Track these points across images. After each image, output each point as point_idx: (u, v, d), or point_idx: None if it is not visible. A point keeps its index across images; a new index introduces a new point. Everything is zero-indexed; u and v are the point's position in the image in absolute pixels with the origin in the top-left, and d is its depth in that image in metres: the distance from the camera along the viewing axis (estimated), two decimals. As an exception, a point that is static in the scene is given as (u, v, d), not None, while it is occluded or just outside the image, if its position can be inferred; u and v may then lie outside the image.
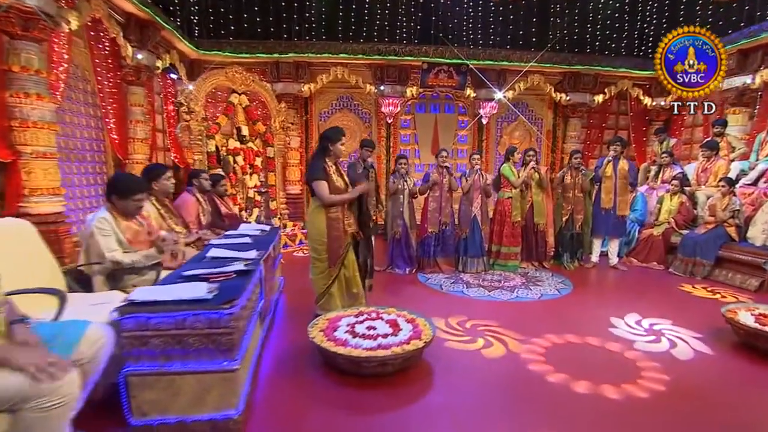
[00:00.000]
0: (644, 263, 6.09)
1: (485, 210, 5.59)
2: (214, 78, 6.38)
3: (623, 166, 5.69)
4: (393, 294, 4.67)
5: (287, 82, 7.90)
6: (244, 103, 6.93)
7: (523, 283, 5.08)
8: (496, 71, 8.31)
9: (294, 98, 8.05)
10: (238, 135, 6.81)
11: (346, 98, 8.67)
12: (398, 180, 5.44)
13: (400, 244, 5.51)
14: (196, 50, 7.34)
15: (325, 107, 8.65)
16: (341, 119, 8.64)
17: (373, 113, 8.73)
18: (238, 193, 6.75)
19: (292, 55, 7.74)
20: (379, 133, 8.77)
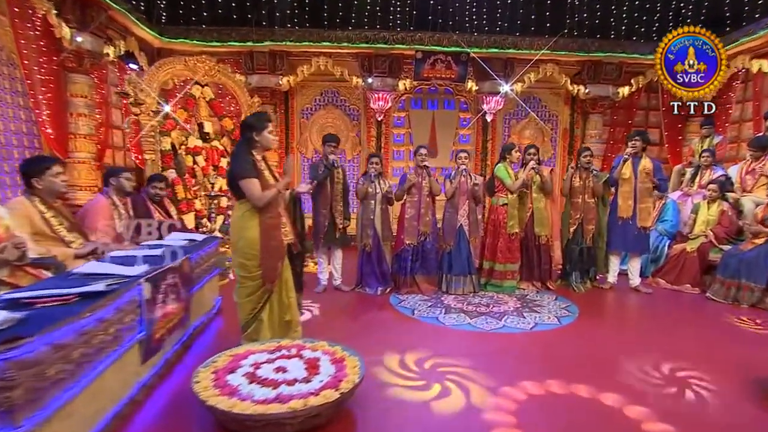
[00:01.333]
0: (675, 285, 5.30)
1: (474, 219, 4.94)
2: (170, 66, 5.94)
3: (645, 165, 4.96)
4: (349, 319, 4.06)
5: (263, 73, 7.45)
6: (209, 96, 6.48)
7: (516, 308, 4.39)
8: (502, 60, 7.68)
9: (271, 92, 7.59)
10: (200, 132, 6.35)
11: (331, 93, 8.17)
12: (368, 182, 4.84)
13: (370, 259, 4.91)
14: (159, 37, 6.96)
15: (308, 103, 8.16)
16: (325, 116, 8.13)
17: (362, 110, 8.19)
18: (199, 199, 6.26)
19: (268, 44, 7.29)
20: (368, 132, 8.22)
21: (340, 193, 4.83)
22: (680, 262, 5.38)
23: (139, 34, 6.59)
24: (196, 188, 6.21)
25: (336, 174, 4.81)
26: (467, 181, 4.91)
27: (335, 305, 4.46)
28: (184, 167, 5.85)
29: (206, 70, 6.26)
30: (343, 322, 3.98)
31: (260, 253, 2.95)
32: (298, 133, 8.15)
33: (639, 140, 4.97)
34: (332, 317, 4.10)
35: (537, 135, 8.36)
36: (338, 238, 4.83)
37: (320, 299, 4.62)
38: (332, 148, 4.77)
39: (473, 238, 4.93)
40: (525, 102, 8.32)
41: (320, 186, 4.72)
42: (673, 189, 7.00)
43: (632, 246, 5.06)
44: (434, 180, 4.90)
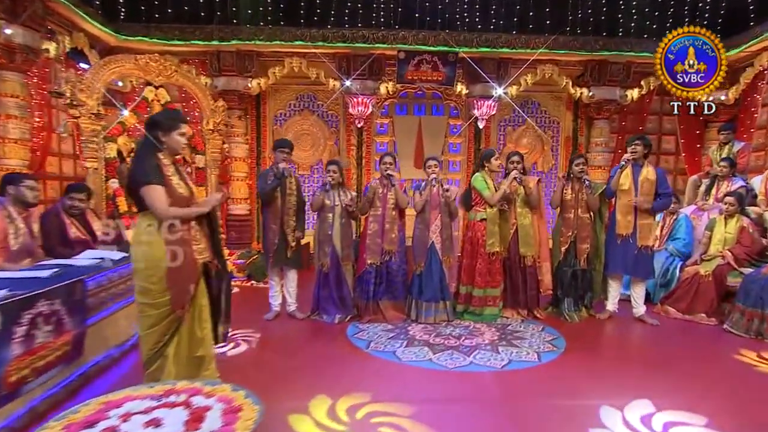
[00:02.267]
0: (687, 314, 4.82)
1: (448, 235, 4.53)
2: (118, 65, 5.68)
3: (648, 175, 4.53)
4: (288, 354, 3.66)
5: (230, 75, 7.19)
6: (164, 99, 6.22)
7: (492, 341, 3.96)
8: (494, 61, 7.35)
9: (239, 96, 7.32)
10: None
11: (307, 97, 7.89)
12: (323, 193, 4.47)
13: (328, 282, 4.51)
14: (114, 35, 6.73)
15: (281, 108, 7.88)
16: (301, 123, 7.84)
17: (342, 116, 7.89)
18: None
19: (236, 43, 7.04)
20: (348, 141, 7.90)
21: (293, 206, 4.47)
22: (693, 288, 4.90)
23: (90, 30, 6.36)
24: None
25: (288, 184, 4.45)
26: (440, 192, 4.52)
27: (279, 336, 4.08)
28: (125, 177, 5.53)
29: (160, 70, 6.00)
30: (279, 358, 3.57)
31: (167, 274, 2.60)
32: (271, 141, 7.83)
33: (640, 144, 4.55)
34: (270, 351, 3.70)
35: (536, 143, 7.98)
36: (290, 258, 4.45)
37: (265, 328, 4.24)
38: (284, 155, 4.42)
39: (447, 258, 4.52)
40: (522, 107, 7.97)
41: (269, 198, 4.37)
42: (688, 203, 6.56)
43: (633, 268, 4.60)
44: (400, 191, 4.51)
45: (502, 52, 7.24)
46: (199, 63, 7.24)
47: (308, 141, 7.79)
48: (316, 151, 7.77)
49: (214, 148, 6.68)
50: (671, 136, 8.27)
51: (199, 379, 2.77)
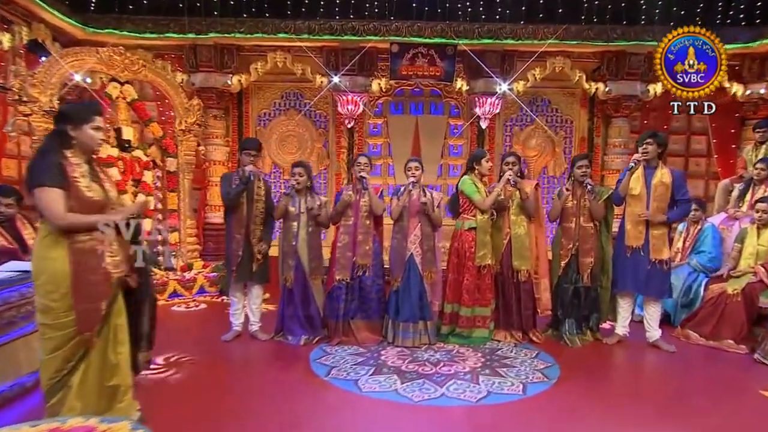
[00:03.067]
0: (711, 340, 4.46)
1: (430, 247, 4.27)
2: (76, 58, 5.58)
3: (662, 178, 4.21)
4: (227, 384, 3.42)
5: (208, 71, 7.06)
6: (130, 96, 6.10)
7: (474, 368, 3.68)
8: (498, 54, 7.10)
9: (219, 94, 7.19)
10: (117, 139, 5.93)
11: (293, 95, 7.73)
12: (286, 198, 4.25)
13: (293, 299, 4.28)
14: (80, 27, 6.65)
15: (266, 107, 7.72)
16: (286, 123, 7.68)
17: (331, 116, 7.70)
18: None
19: (214, 36, 6.92)
20: (338, 143, 7.70)
21: (260, 213, 4.26)
22: (719, 309, 4.53)
23: (52, 22, 6.29)
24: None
25: (255, 189, 4.25)
26: (421, 198, 4.26)
27: (231, 360, 3.88)
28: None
29: (126, 64, 5.91)
30: (222, 385, 3.34)
31: (72, 291, 2.41)
32: (254, 143, 7.67)
33: (652, 143, 4.23)
34: (215, 377, 3.48)
35: (546, 145, 7.67)
36: (255, 272, 4.24)
37: (219, 350, 4.03)
38: (251, 157, 4.23)
39: (428, 272, 4.26)
40: (530, 105, 7.69)
41: (233, 204, 4.17)
42: (718, 210, 6.19)
43: (645, 286, 4.27)
44: (375, 196, 4.26)
45: (506, 43, 6.99)
46: (174, 58, 7.15)
47: (294, 143, 7.62)
48: (303, 154, 7.58)
49: (187, 151, 6.55)
50: (702, 135, 7.89)
51: (109, 413, 2.57)
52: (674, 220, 4.30)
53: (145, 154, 6.22)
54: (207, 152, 7.26)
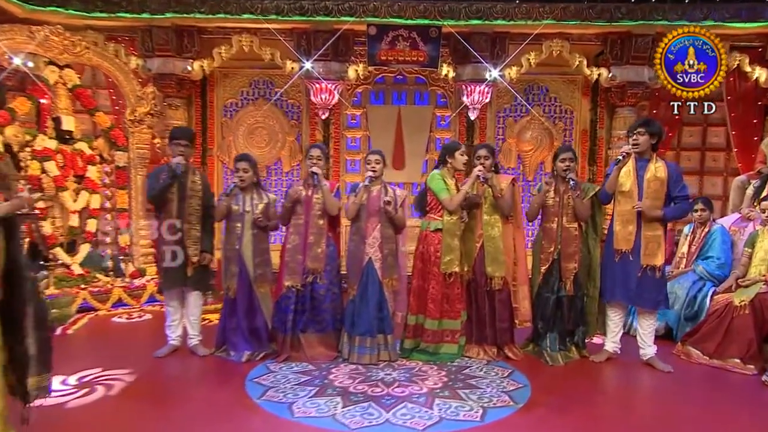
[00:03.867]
0: (715, 359, 4.23)
1: (391, 251, 4.08)
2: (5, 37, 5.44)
3: (656, 172, 3.99)
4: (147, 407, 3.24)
5: (166, 56, 6.88)
6: (72, 82, 5.96)
7: (433, 389, 3.49)
8: (487, 36, 6.89)
9: (179, 81, 7.02)
10: (56, 130, 5.80)
11: (263, 83, 7.55)
12: (228, 197, 4.07)
13: (235, 309, 4.10)
14: (19, 4, 6.47)
15: (232, 97, 7.55)
16: (255, 114, 7.49)
17: (305, 106, 7.53)
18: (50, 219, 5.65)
19: (171, 16, 6.72)
20: (312, 136, 7.52)
21: (196, 211, 4.09)
22: (724, 323, 4.29)
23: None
24: (45, 206, 5.61)
25: (190, 185, 4.08)
26: (382, 195, 4.07)
27: (157, 379, 3.72)
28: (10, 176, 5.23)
29: (66, 46, 5.78)
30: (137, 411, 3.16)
31: None
32: (219, 137, 7.52)
33: (644, 132, 4.02)
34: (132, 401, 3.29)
35: (543, 138, 7.44)
36: (191, 277, 4.06)
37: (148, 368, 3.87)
38: (181, 148, 4.05)
39: (389, 279, 4.07)
40: (526, 93, 7.49)
41: (158, 201, 4.01)
42: (733, 210, 5.98)
43: (636, 296, 4.04)
44: (329, 194, 4.07)
45: (496, 24, 6.76)
46: (129, 41, 6.99)
47: (264, 136, 7.45)
48: (273, 148, 7.41)
49: (140, 144, 6.44)
50: (720, 126, 7.64)
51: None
52: (671, 217, 4.07)
53: (90, 147, 6.09)
54: (165, 145, 7.10)
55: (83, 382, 3.45)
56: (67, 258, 5.73)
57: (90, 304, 5.42)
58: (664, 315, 4.87)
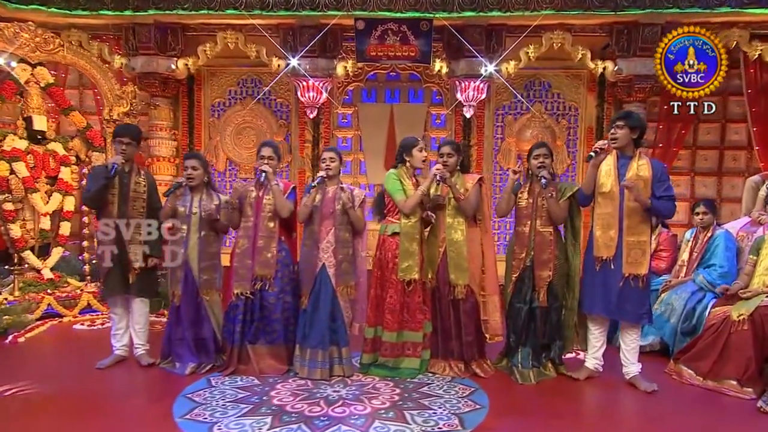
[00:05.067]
0: (709, 380, 3.80)
1: (346, 256, 3.82)
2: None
3: (639, 170, 3.63)
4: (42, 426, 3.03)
5: (149, 55, 6.77)
6: (45, 81, 5.89)
7: (378, 409, 3.21)
8: (482, 29, 6.57)
9: (163, 81, 6.91)
10: (27, 130, 5.73)
11: (251, 82, 7.38)
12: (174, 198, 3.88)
13: (180, 318, 3.89)
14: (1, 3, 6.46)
15: (220, 96, 7.41)
16: (243, 113, 7.34)
17: (294, 105, 7.32)
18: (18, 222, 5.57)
19: (153, 13, 6.61)
20: (301, 136, 7.31)
21: (139, 215, 3.91)
22: (721, 339, 3.86)
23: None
24: (13, 208, 5.52)
25: (132, 185, 3.91)
26: (338, 196, 3.82)
27: (76, 391, 3.46)
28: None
29: (38, 43, 5.71)
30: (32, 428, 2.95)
31: None
32: (207, 137, 7.39)
33: (623, 125, 3.67)
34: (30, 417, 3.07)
35: (545, 136, 7.03)
36: (133, 284, 3.88)
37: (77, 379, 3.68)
38: (123, 146, 3.88)
39: (343, 287, 3.80)
40: (527, 89, 7.14)
41: (95, 203, 3.86)
42: (746, 213, 5.50)
43: (617, 308, 3.66)
44: (280, 194, 3.83)
45: (492, 16, 6.43)
46: (113, 39, 6.93)
47: (251, 136, 7.28)
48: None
49: (119, 145, 6.31)
50: (741, 123, 7.11)
51: None
52: (658, 211, 3.67)
53: (66, 148, 6.00)
54: (150, 147, 7.01)
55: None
56: (37, 262, 5.65)
57: (56, 310, 5.30)
58: (660, 329, 4.49)
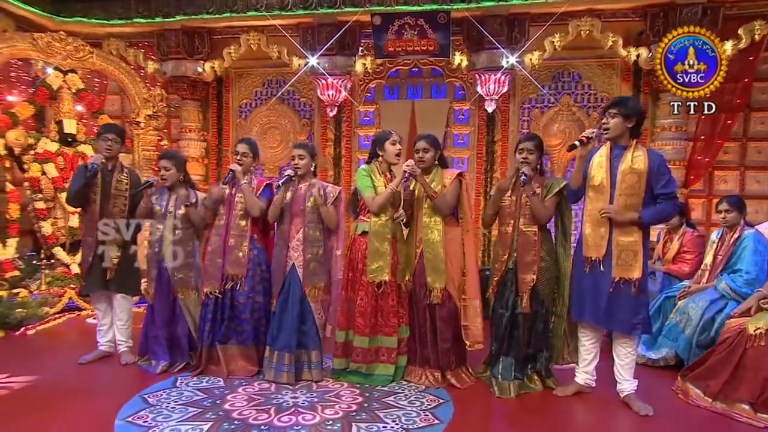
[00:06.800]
0: (718, 402, 3.21)
1: (314, 255, 3.55)
2: (7, 45, 5.54)
3: (633, 162, 3.12)
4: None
5: (178, 59, 6.82)
6: (76, 87, 6.02)
7: (329, 419, 2.91)
8: (503, 19, 6.09)
9: (191, 84, 6.93)
10: (59, 133, 5.87)
11: (276, 83, 7.25)
12: (148, 198, 3.76)
13: (154, 316, 3.77)
14: (49, 17, 6.69)
15: (247, 97, 7.34)
16: (267, 113, 7.23)
17: (316, 104, 7.12)
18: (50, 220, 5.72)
19: (180, 19, 6.65)
20: (324, 135, 7.10)
21: (121, 213, 3.82)
22: (735, 356, 3.25)
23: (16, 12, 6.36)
24: (44, 207, 5.68)
25: (115, 182, 3.82)
26: (308, 194, 3.55)
27: (46, 386, 3.41)
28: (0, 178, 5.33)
29: (69, 51, 5.82)
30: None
31: None
32: (234, 137, 7.34)
33: (616, 113, 3.16)
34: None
35: (573, 130, 6.39)
36: (113, 280, 3.80)
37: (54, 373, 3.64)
38: (108, 143, 3.80)
39: (312, 288, 3.53)
40: (555, 80, 6.56)
41: (76, 201, 3.80)
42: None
43: (606, 316, 3.15)
44: (250, 193, 3.61)
45: (513, 5, 5.95)
46: (148, 46, 7.04)
47: (276, 136, 7.17)
48: (285, 148, 7.10)
49: (145, 145, 6.39)
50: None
51: None
52: (650, 220, 3.13)
53: (95, 150, 6.10)
54: (180, 148, 7.06)
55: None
56: (66, 258, 5.77)
57: (76, 304, 5.38)
58: (674, 341, 3.90)
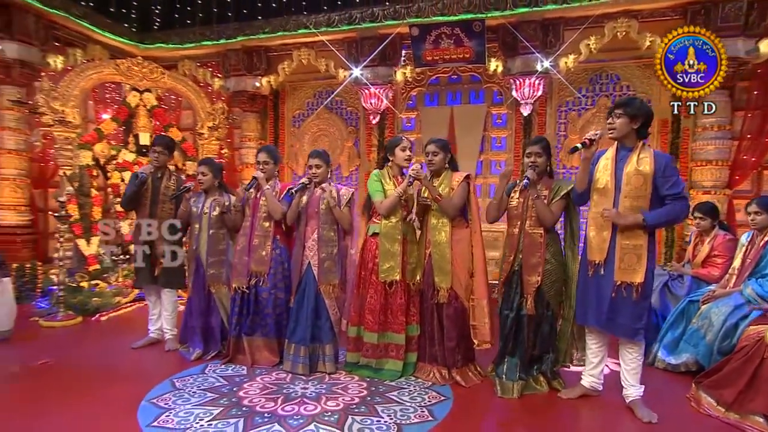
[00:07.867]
0: (732, 412, 2.86)
1: (328, 254, 3.52)
2: (96, 71, 5.95)
3: (639, 164, 2.84)
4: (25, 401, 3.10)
5: (239, 75, 7.09)
6: (150, 104, 6.35)
7: (329, 410, 2.86)
8: (537, 24, 5.83)
9: (251, 97, 7.17)
10: (136, 144, 6.22)
11: (326, 94, 7.34)
12: (186, 202, 3.88)
13: (192, 308, 3.89)
14: (135, 44, 7.15)
15: (300, 108, 7.47)
16: (318, 122, 7.33)
17: (361, 112, 7.12)
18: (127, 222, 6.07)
19: (241, 39, 6.90)
20: (368, 141, 7.09)
21: (168, 215, 3.98)
22: (751, 365, 2.88)
23: (105, 41, 6.84)
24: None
25: (163, 188, 3.99)
26: (324, 196, 3.53)
27: (84, 366, 3.58)
28: (87, 185, 5.69)
29: (144, 73, 6.15)
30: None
31: None
32: (289, 145, 7.50)
33: (621, 114, 2.88)
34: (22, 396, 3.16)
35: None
36: (160, 277, 3.97)
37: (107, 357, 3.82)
38: (156, 155, 3.98)
39: (326, 285, 3.50)
40: (594, 83, 6.18)
41: (129, 206, 4.00)
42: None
43: (608, 321, 2.89)
44: (272, 197, 3.62)
45: (547, 10, 5.68)
46: (215, 65, 7.34)
47: (325, 143, 7.24)
48: (333, 154, 7.08)
49: (208, 154, 6.62)
50: None
51: None
52: (656, 223, 2.83)
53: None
54: (241, 155, 7.30)
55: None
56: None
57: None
58: (695, 346, 3.52)
